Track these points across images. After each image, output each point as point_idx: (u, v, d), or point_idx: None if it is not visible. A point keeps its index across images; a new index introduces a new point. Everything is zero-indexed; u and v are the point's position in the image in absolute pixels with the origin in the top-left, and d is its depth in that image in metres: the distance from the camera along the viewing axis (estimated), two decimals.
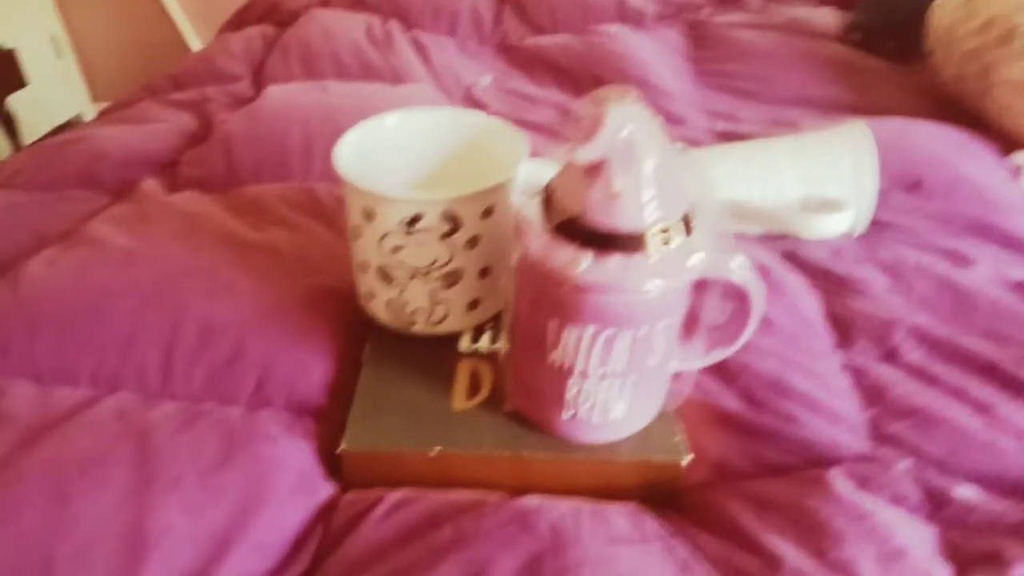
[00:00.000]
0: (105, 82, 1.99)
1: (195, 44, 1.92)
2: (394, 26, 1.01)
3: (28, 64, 1.65)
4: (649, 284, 0.34)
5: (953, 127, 0.69)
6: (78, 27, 1.93)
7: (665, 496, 0.40)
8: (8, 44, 1.60)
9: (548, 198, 0.36)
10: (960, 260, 0.55)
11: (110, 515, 0.36)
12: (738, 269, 0.36)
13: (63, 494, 0.37)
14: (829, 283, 0.53)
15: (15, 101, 1.64)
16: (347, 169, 0.41)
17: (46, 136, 1.78)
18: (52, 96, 1.88)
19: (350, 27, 0.97)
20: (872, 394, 0.44)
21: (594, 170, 0.33)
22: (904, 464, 0.39)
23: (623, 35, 0.96)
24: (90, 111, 1.98)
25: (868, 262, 0.54)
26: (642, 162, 0.33)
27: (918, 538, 0.35)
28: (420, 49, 0.97)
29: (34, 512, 0.36)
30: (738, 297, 0.38)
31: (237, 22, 1.11)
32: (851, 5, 1.03)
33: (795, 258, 0.55)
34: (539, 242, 0.35)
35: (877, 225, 0.58)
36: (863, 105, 0.80)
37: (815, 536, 0.35)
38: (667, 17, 1.07)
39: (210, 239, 0.55)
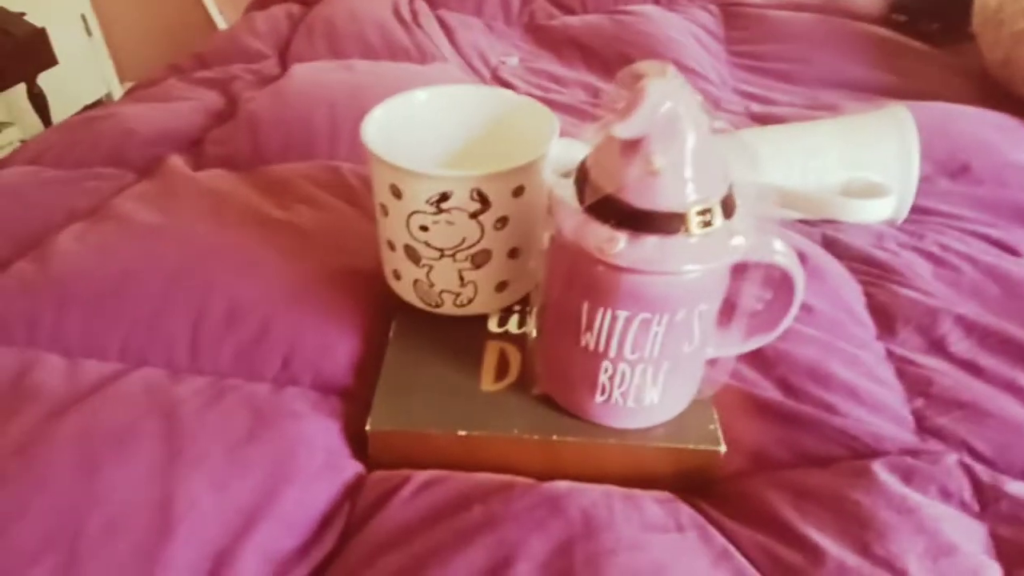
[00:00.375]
0: (133, 62, 2.00)
1: (222, 24, 1.92)
2: (420, 5, 0.99)
3: (58, 43, 1.66)
4: (687, 266, 0.32)
5: (1001, 112, 0.66)
6: (107, 6, 1.94)
7: (698, 485, 0.39)
8: (39, 23, 1.61)
9: (583, 176, 0.34)
10: (1008, 248, 0.53)
11: (138, 488, 0.36)
12: (782, 252, 0.35)
13: (92, 466, 0.37)
14: (871, 270, 0.51)
15: (45, 79, 1.66)
16: (375, 144, 0.40)
17: (76, 114, 1.80)
18: (81, 75, 1.89)
19: (376, 6, 0.96)
20: (917, 385, 0.42)
21: (632, 147, 0.32)
22: (952, 458, 0.37)
23: (654, 15, 0.94)
24: (118, 90, 2.00)
25: (912, 249, 0.53)
26: (684, 139, 0.31)
27: (967, 535, 0.34)
28: (446, 28, 0.96)
29: (63, 484, 0.36)
30: (781, 282, 0.36)
31: (263, 1, 1.11)
32: None
33: (836, 244, 0.54)
34: (573, 221, 0.34)
35: (921, 211, 0.56)
36: (905, 88, 0.77)
37: (859, 529, 0.33)
38: None
39: (236, 217, 0.55)
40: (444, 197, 0.39)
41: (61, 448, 0.38)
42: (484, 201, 0.40)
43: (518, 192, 0.40)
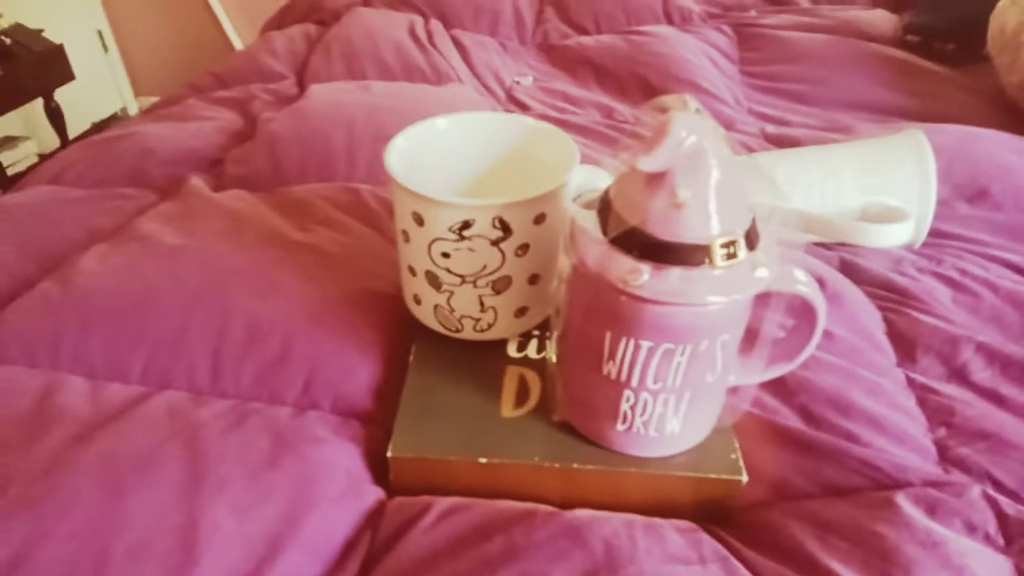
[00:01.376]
0: (148, 77, 2.03)
1: (237, 40, 1.94)
2: (436, 25, 1.00)
3: (75, 58, 1.69)
4: (711, 298, 0.32)
5: (1018, 135, 0.66)
6: (123, 22, 1.97)
7: (719, 514, 0.39)
8: (57, 39, 1.64)
9: (606, 207, 0.35)
10: None
11: (163, 512, 0.36)
12: (804, 283, 0.35)
13: (116, 491, 0.37)
14: (890, 295, 0.51)
15: (62, 94, 1.68)
16: (398, 172, 0.41)
17: (91, 129, 1.83)
18: (97, 90, 1.92)
19: (392, 26, 0.97)
20: (939, 415, 0.42)
21: (657, 179, 0.32)
22: (977, 490, 0.37)
23: (669, 36, 0.95)
24: (133, 105, 2.03)
25: (931, 274, 0.52)
26: (708, 172, 0.31)
27: (993, 570, 0.33)
28: (461, 48, 0.97)
29: (89, 507, 0.36)
30: (803, 311, 0.36)
31: (280, 21, 1.12)
32: (905, 7, 1.00)
33: (854, 268, 0.53)
34: (596, 251, 0.34)
35: (939, 235, 0.56)
36: (921, 110, 0.77)
37: (883, 564, 0.33)
38: (714, 17, 1.05)
39: (256, 238, 0.55)
40: (466, 225, 0.40)
41: (85, 472, 0.38)
42: (506, 229, 0.40)
43: (539, 220, 0.41)
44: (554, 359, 0.43)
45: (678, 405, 0.36)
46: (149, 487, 0.37)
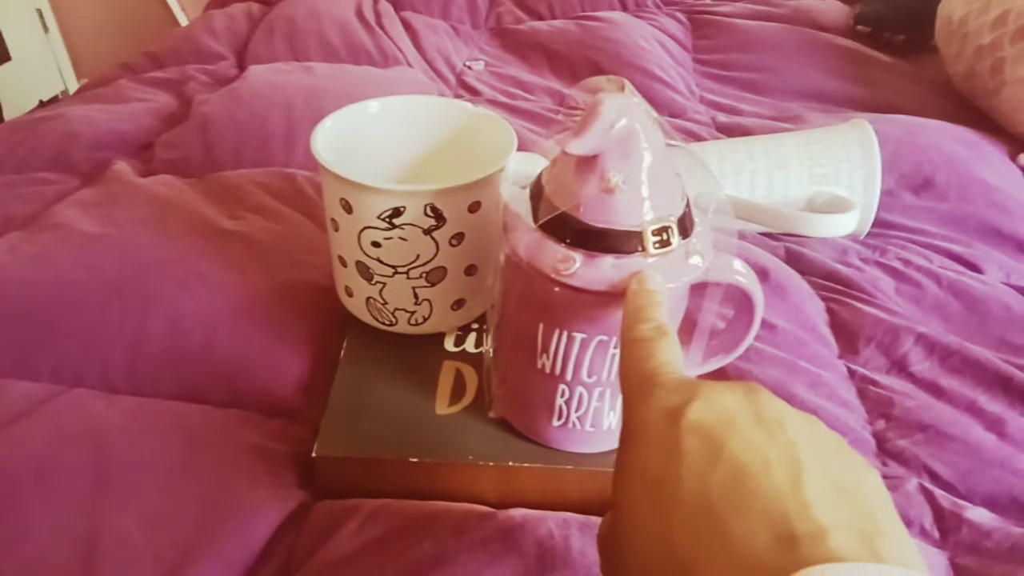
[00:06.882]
0: (90, 58, 1.94)
1: (183, 20, 1.87)
2: (385, 6, 0.97)
3: (12, 39, 1.60)
4: None
5: (964, 125, 0.66)
6: (63, 1, 1.88)
7: None
8: None
9: (537, 192, 0.33)
10: (970, 265, 0.52)
11: (64, 525, 0.34)
12: (742, 273, 0.34)
13: (15, 500, 0.34)
14: (834, 286, 0.50)
15: None
16: (325, 156, 0.39)
17: (22, 115, 1.74)
18: (37, 71, 1.83)
19: (339, 6, 0.93)
20: (878, 407, 0.41)
21: (588, 163, 0.30)
22: (913, 483, 0.36)
23: (622, 22, 0.93)
24: (75, 87, 1.93)
25: (875, 264, 0.52)
26: (640, 156, 0.30)
27: (928, 564, 0.33)
28: (411, 31, 0.94)
29: None
30: (741, 302, 0.35)
31: None
32: None
33: (799, 258, 0.53)
34: (527, 239, 0.32)
35: (884, 225, 0.56)
36: (870, 100, 0.77)
37: None
38: (668, 4, 1.04)
39: (183, 226, 0.52)
40: (397, 212, 0.38)
41: None
42: (439, 217, 0.38)
43: (474, 208, 0.39)
44: (491, 353, 0.41)
45: (614, 399, 0.35)
46: (50, 496, 0.35)
